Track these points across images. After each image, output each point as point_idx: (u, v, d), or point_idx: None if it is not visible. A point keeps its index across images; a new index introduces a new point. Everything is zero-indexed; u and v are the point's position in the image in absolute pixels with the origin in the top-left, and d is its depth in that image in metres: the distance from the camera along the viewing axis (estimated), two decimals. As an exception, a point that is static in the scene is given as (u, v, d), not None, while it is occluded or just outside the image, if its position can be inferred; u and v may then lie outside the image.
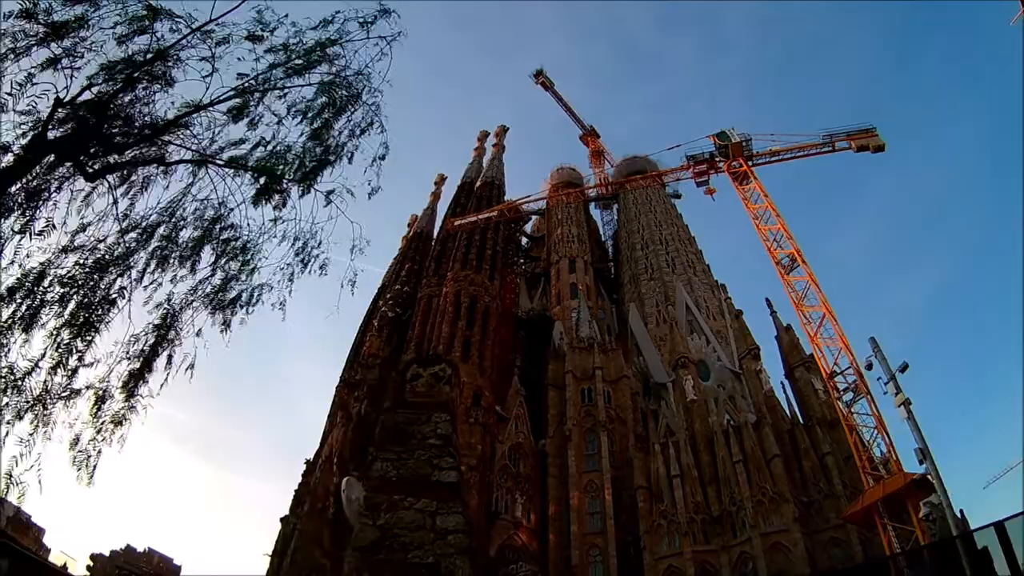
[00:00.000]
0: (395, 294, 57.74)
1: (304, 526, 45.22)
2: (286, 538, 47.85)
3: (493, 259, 54.32)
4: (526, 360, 53.97)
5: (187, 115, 9.23)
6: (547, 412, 47.88)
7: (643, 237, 63.65)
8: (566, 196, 63.41)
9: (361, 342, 60.93)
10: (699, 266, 60.35)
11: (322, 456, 50.47)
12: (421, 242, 68.56)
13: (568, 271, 61.97)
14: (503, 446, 44.78)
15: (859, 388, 32.68)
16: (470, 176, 65.61)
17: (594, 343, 50.38)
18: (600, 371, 48.00)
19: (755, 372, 46.85)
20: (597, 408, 46.05)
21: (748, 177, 45.28)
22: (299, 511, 48.17)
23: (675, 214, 67.36)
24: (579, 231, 66.23)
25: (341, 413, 49.67)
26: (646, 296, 57.50)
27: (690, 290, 55.89)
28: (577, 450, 44.23)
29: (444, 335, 47.92)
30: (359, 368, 52.93)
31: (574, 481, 42.74)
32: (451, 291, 50.68)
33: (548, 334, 55.94)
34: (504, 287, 55.13)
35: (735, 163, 46.34)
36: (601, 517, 41.06)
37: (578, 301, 57.49)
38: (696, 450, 41.69)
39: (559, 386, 48.62)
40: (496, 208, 54.15)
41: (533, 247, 71.69)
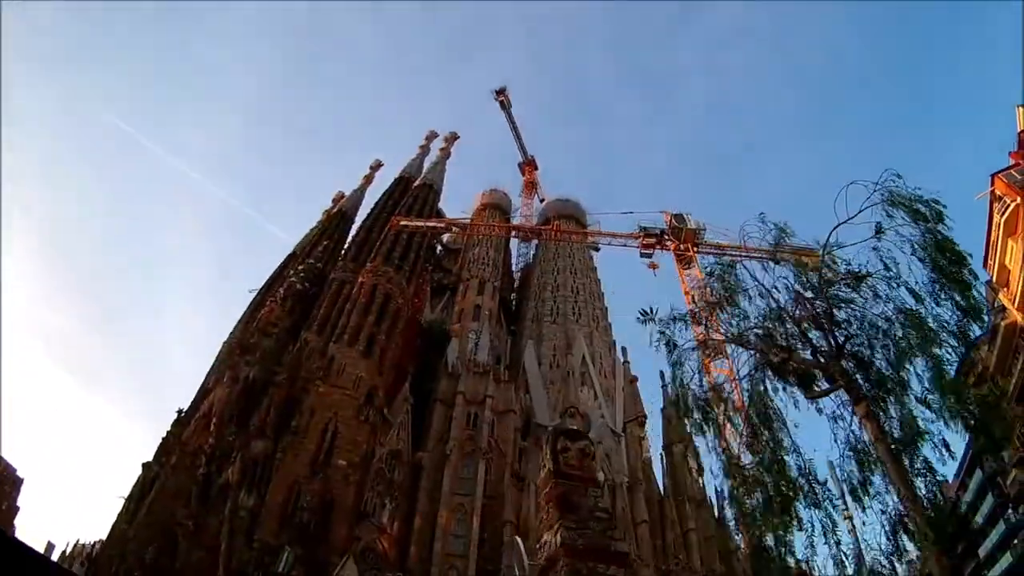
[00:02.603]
0: (307, 268, 56.66)
1: (169, 479, 43.88)
2: (144, 485, 46.23)
3: (415, 263, 54.53)
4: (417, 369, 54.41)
5: None
6: (430, 426, 48.48)
7: (555, 281, 65.75)
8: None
9: (260, 304, 59.35)
10: (602, 323, 63.06)
11: (200, 411, 48.89)
12: (343, 222, 67.68)
13: (476, 292, 62.93)
14: (382, 449, 44.87)
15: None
16: (410, 172, 65.38)
17: (490, 371, 51.57)
18: (491, 400, 49.15)
19: (638, 438, 49.63)
20: (481, 435, 47.09)
21: (691, 263, 48.34)
22: (165, 461, 46.40)
23: (590, 266, 70.06)
24: (496, 256, 67.49)
25: (229, 373, 48.28)
26: (545, 338, 59.38)
27: (589, 343, 58.30)
28: (454, 471, 45.08)
29: (352, 325, 47.63)
30: (256, 332, 51.68)
31: (446, 500, 43.50)
32: (368, 283, 50.40)
33: (442, 348, 56.65)
34: (416, 292, 55.43)
35: (682, 246, 49.31)
36: (466, 541, 41.95)
37: (480, 324, 58.59)
38: (567, 499, 43.61)
39: (447, 404, 49.36)
40: (446, 221, 54.54)
41: (446, 257, 72.21)
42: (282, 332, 51.97)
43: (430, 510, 43.81)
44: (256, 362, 49.04)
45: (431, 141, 70.61)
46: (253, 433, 42.04)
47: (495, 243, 68.23)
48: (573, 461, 11.26)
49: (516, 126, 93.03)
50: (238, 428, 44.42)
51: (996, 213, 32.27)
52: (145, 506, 43.09)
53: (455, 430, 46.86)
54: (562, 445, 11.42)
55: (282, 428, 42.14)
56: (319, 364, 45.05)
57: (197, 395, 55.41)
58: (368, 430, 43.27)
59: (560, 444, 11.44)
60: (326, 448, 40.88)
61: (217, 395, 48.76)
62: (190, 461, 44.59)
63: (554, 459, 11.24)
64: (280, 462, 39.61)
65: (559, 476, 11.04)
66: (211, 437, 44.05)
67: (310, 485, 38.75)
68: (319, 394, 43.13)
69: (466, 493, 44.30)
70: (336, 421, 42.04)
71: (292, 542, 36.14)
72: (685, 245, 49.78)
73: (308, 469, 39.83)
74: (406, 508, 44.15)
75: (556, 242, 67.49)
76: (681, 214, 51.23)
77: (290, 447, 40.41)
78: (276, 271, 65.41)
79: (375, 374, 46.09)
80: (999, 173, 32.21)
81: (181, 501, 41.52)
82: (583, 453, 11.43)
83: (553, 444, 11.41)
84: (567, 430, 11.75)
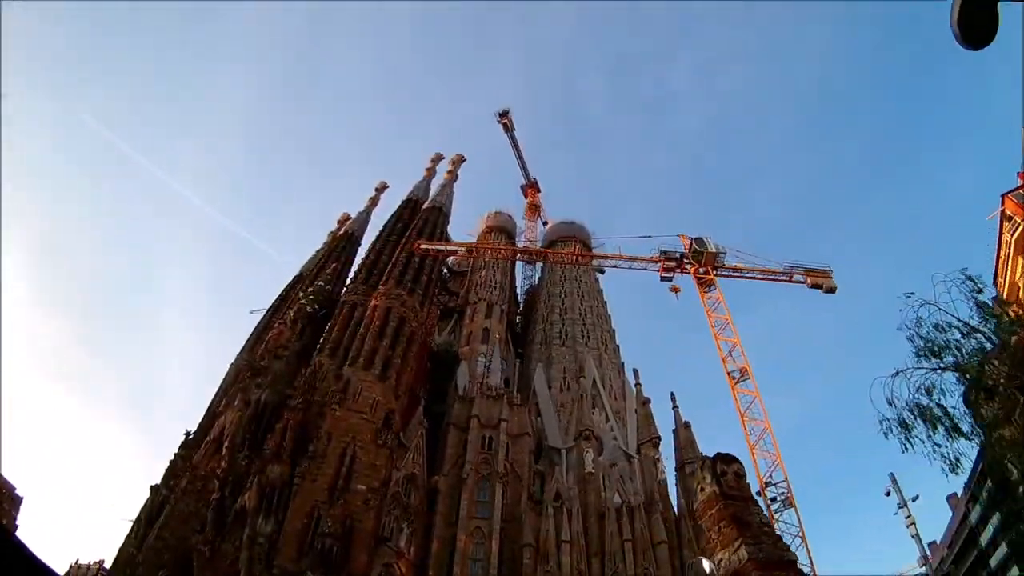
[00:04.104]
0: (317, 291, 56.47)
1: (179, 503, 43.31)
2: (153, 508, 45.36)
3: (427, 286, 54.47)
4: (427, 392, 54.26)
5: None
6: (444, 450, 48.31)
7: (563, 303, 66.02)
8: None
9: (268, 326, 59.03)
10: (610, 345, 63.29)
11: (210, 434, 48.29)
12: (350, 244, 67.62)
13: (484, 315, 62.98)
14: (399, 473, 44.60)
15: (789, 500, 36.06)
16: (417, 195, 65.53)
17: (503, 394, 51.48)
18: (505, 423, 49.03)
19: (653, 459, 49.61)
20: (497, 458, 46.91)
21: (713, 286, 48.82)
22: (174, 484, 45.78)
23: (597, 288, 70.42)
24: (503, 279, 67.69)
25: (241, 396, 47.87)
26: (555, 361, 59.49)
27: (599, 366, 58.46)
28: (471, 494, 44.90)
29: (367, 348, 47.41)
30: (267, 355, 51.31)
31: (463, 524, 43.26)
32: (382, 306, 50.28)
33: (451, 371, 56.58)
34: (428, 315, 55.33)
35: (702, 270, 49.82)
36: (484, 565, 41.69)
37: (490, 348, 58.58)
38: (586, 521, 43.55)
39: (461, 428, 49.21)
40: (466, 244, 54.72)
41: (451, 280, 72.23)
42: (292, 355, 51.66)
43: (447, 534, 43.58)
44: (267, 385, 48.67)
45: (437, 163, 70.79)
46: (269, 457, 41.48)
47: (501, 266, 68.48)
48: (732, 483, 11.43)
49: (519, 148, 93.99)
50: (251, 452, 44.00)
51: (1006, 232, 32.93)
52: (155, 530, 42.29)
53: (471, 454, 46.67)
54: (720, 469, 11.55)
55: (298, 452, 41.73)
56: (335, 387, 44.75)
57: (205, 417, 54.72)
58: (386, 454, 43.01)
59: (719, 468, 11.57)
60: (344, 473, 40.49)
61: (228, 418, 48.24)
62: (201, 485, 44.09)
63: (717, 482, 11.37)
64: (298, 487, 39.15)
65: (725, 497, 11.18)
66: (223, 461, 43.59)
67: (330, 510, 38.35)
68: (336, 418, 42.81)
69: (483, 517, 44.09)
70: (354, 445, 41.70)
71: (312, 569, 35.76)
72: (705, 268, 50.36)
73: (327, 494, 39.40)
74: (422, 532, 43.88)
75: (563, 265, 67.85)
76: (701, 238, 51.85)
77: (308, 472, 39.96)
78: (282, 293, 65.05)
79: (391, 398, 45.86)
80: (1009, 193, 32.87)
81: (193, 526, 41.02)
82: (737, 475, 11.64)
83: (713, 468, 11.58)
84: (723, 455, 11.94)
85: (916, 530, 25.98)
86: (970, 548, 39.73)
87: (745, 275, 51.01)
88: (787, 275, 49.87)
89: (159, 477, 49.42)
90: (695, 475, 11.77)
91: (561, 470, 48.85)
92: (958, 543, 40.75)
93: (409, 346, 49.69)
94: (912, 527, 27.68)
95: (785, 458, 43.96)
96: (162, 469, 50.21)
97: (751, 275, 50.74)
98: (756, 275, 50.55)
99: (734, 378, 44.18)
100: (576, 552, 41.33)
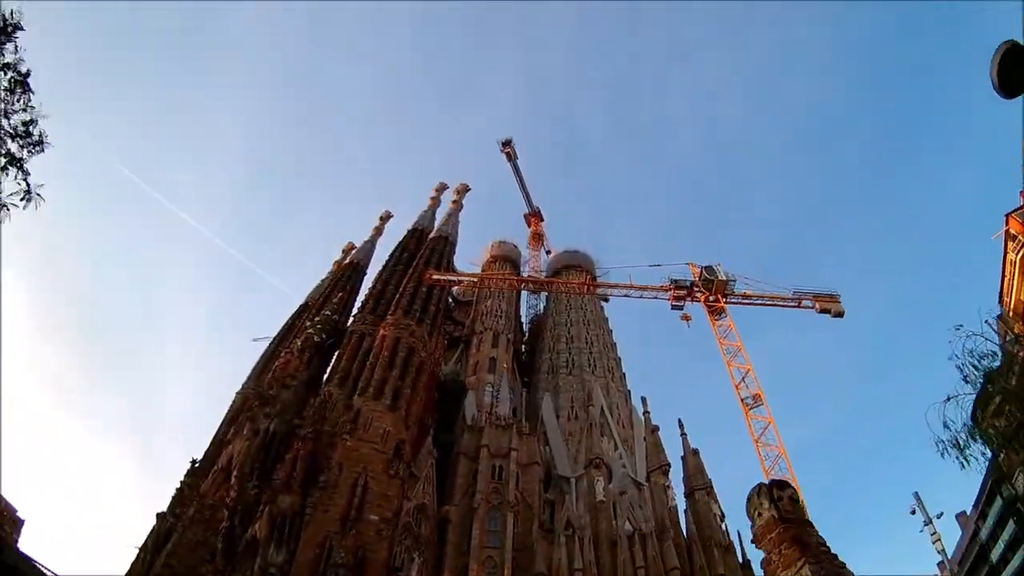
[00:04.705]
0: (324, 320, 56.71)
1: (187, 532, 43.07)
2: (159, 536, 45.10)
3: (435, 316, 54.76)
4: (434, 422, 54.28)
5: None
6: (454, 480, 48.21)
7: (569, 332, 66.30)
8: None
9: (274, 354, 59.16)
10: (617, 373, 63.47)
11: (218, 464, 48.13)
12: (355, 273, 67.97)
13: (491, 345, 63.16)
14: (409, 504, 44.50)
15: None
16: (423, 224, 66.11)
17: (512, 424, 51.50)
18: (515, 452, 48.99)
19: (663, 487, 49.55)
20: (507, 488, 46.78)
21: (723, 313, 49.23)
22: (180, 513, 45.57)
23: (602, 317, 70.78)
24: (508, 308, 68.00)
25: (249, 425, 47.82)
26: (562, 390, 59.60)
27: (606, 394, 58.58)
28: (482, 524, 44.74)
29: (376, 379, 47.47)
30: (275, 384, 51.36)
31: (475, 554, 43.03)
32: (390, 336, 50.44)
33: (458, 400, 56.64)
34: (436, 346, 55.53)
35: (712, 298, 50.26)
36: (497, 594, 41.58)
37: (497, 377, 58.69)
38: (598, 549, 43.41)
39: (471, 457, 49.15)
40: (477, 275, 55.10)
41: (456, 309, 72.47)
42: (300, 384, 51.80)
43: (459, 564, 43.34)
44: (276, 414, 48.69)
45: (441, 192, 71.49)
46: (279, 487, 41.26)
47: (507, 295, 68.83)
48: (788, 507, 11.80)
49: (522, 177, 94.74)
50: (260, 481, 43.84)
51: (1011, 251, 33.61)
52: (161, 557, 42.11)
53: (481, 483, 46.55)
54: (777, 494, 11.94)
55: (308, 482, 41.62)
56: (345, 417, 44.74)
57: (211, 445, 54.60)
58: (398, 485, 42.94)
59: (775, 493, 11.97)
60: (356, 503, 40.35)
61: (237, 447, 48.11)
62: (210, 514, 43.87)
63: (775, 507, 11.73)
64: (310, 517, 38.96)
65: (784, 521, 11.55)
66: (232, 490, 43.46)
67: (342, 541, 38.14)
68: (347, 448, 42.74)
69: (495, 546, 43.87)
70: (366, 475, 41.62)
71: (325, 599, 35.52)
72: (715, 296, 50.76)
73: (339, 524, 39.23)
74: (433, 563, 43.66)
75: (568, 294, 68.22)
76: (711, 266, 52.35)
77: (319, 502, 39.81)
78: (288, 321, 65.24)
79: (402, 428, 45.88)
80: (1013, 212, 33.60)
81: (201, 555, 40.84)
82: (792, 500, 12.04)
83: (770, 494, 11.97)
84: (777, 481, 12.40)
85: (943, 546, 26.57)
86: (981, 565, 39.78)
87: (755, 302, 51.53)
88: (796, 301, 50.38)
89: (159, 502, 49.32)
90: (752, 501, 12.17)
91: (571, 499, 48.76)
92: (968, 560, 40.79)
93: (418, 376, 49.80)
94: (938, 543, 28.23)
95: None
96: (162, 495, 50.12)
97: (760, 302, 51.28)
98: (766, 302, 51.09)
99: (747, 404, 44.52)
100: (589, 580, 41.17)
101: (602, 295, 71.71)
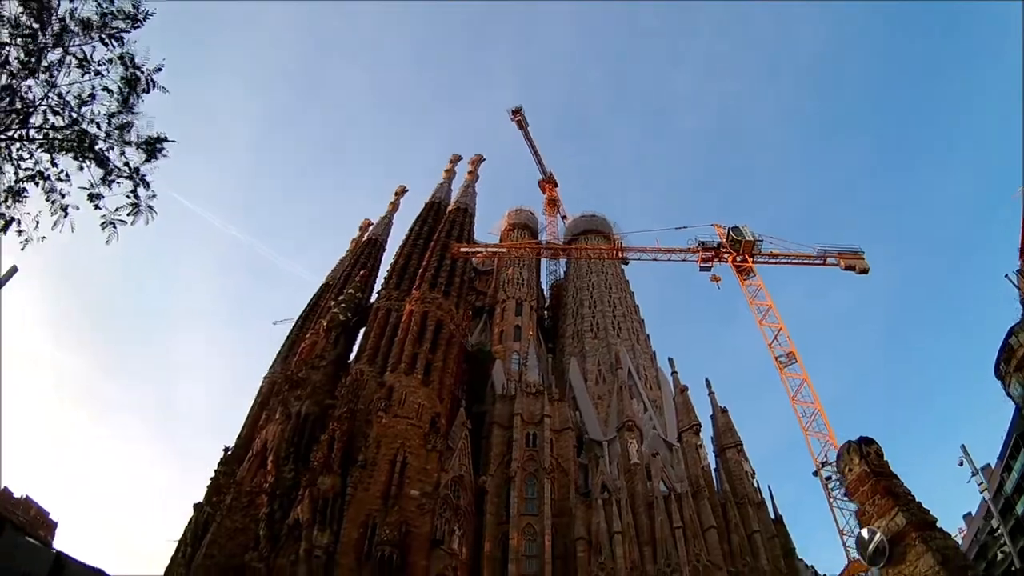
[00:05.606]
0: (348, 298, 56.81)
1: (226, 520, 43.46)
2: (198, 527, 45.34)
3: (460, 288, 54.73)
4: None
5: None
6: (489, 450, 48.61)
7: (592, 296, 66.26)
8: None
9: (299, 336, 59.43)
10: (641, 335, 63.48)
11: (252, 450, 48.57)
12: (375, 249, 67.97)
13: (515, 313, 63.32)
14: (447, 476, 44.96)
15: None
16: (440, 197, 65.81)
17: (543, 390, 51.77)
18: (548, 419, 49.34)
19: (695, 447, 49.82)
20: (543, 454, 47.23)
21: (752, 273, 49.00)
22: (217, 501, 45.81)
23: (624, 280, 70.62)
24: (529, 276, 68.00)
25: (281, 409, 48.17)
26: (589, 354, 59.72)
27: (632, 356, 58.67)
28: (520, 492, 45.26)
29: (407, 354, 47.61)
30: (303, 366, 51.63)
31: (515, 522, 43.61)
32: (418, 310, 50.50)
33: (485, 370, 56.88)
34: (463, 317, 55.61)
35: (740, 258, 49.99)
36: (538, 561, 42.03)
37: (524, 344, 58.92)
38: (635, 511, 43.87)
39: (504, 426, 49.53)
40: (504, 245, 54.97)
41: (477, 279, 72.47)
42: (328, 364, 52.05)
43: (498, 532, 43.98)
44: (307, 396, 48.99)
45: (455, 164, 71.01)
46: (318, 469, 41.52)
47: (527, 262, 68.74)
48: (876, 461, 12.65)
49: (534, 144, 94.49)
50: (297, 465, 44.19)
51: (1031, 208, 33.51)
52: (202, 548, 42.19)
53: (517, 451, 46.99)
54: (865, 450, 12.64)
55: (345, 462, 42.00)
56: (379, 395, 45.05)
57: (243, 431, 54.97)
58: (436, 458, 43.33)
59: (864, 450, 12.67)
60: (396, 479, 40.75)
61: (269, 432, 48.39)
62: (248, 500, 44.04)
63: (865, 462, 12.45)
64: (351, 496, 39.35)
65: (875, 474, 12.49)
66: (270, 475, 43.77)
67: (386, 518, 38.56)
68: (383, 425, 43.04)
69: (533, 513, 44.46)
70: (404, 451, 42.01)
71: (373, 577, 35.83)
72: (743, 256, 50.48)
73: (380, 502, 39.66)
74: (472, 533, 44.23)
75: (587, 259, 67.96)
76: (739, 226, 52.06)
77: (360, 481, 40.18)
78: (310, 302, 65.45)
79: (436, 401, 46.18)
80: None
81: (242, 542, 41.00)
82: (878, 454, 12.91)
83: (860, 450, 12.65)
84: (864, 438, 13.15)
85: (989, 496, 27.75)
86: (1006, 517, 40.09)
87: (781, 261, 51.26)
88: (821, 259, 50.13)
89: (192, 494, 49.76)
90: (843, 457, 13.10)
91: (604, 462, 49.19)
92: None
93: (448, 349, 49.94)
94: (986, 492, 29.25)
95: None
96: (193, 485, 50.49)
97: (785, 261, 51.01)
98: (791, 261, 50.82)
99: (782, 363, 44.59)
100: (628, 542, 41.64)
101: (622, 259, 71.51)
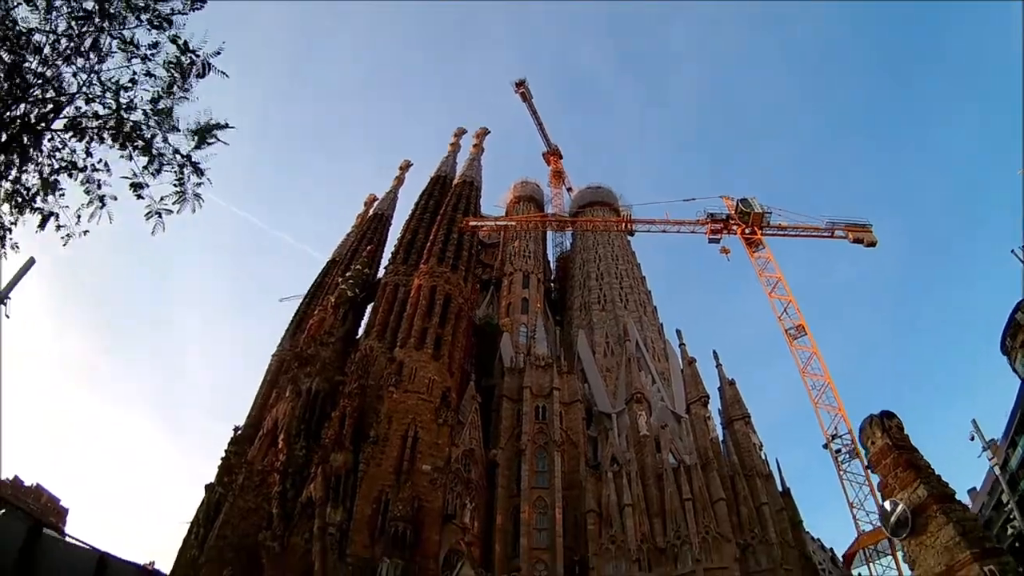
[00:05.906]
0: (356, 274, 56.77)
1: (238, 500, 43.68)
2: (209, 507, 45.71)
3: (468, 262, 54.64)
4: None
5: None
6: (499, 424, 48.77)
7: (599, 268, 66.14)
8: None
9: (306, 313, 59.46)
10: (648, 307, 63.44)
11: (263, 429, 48.80)
12: (381, 224, 67.80)
13: (521, 285, 63.27)
14: (457, 450, 45.18)
15: (855, 451, 36.83)
16: (445, 171, 65.47)
17: (552, 363, 51.83)
18: (557, 392, 49.45)
19: (704, 419, 49.95)
20: (552, 427, 47.38)
21: (760, 245, 48.85)
22: (228, 481, 46.02)
23: (630, 251, 70.42)
24: (536, 248, 67.82)
25: (291, 387, 48.32)
26: (596, 326, 59.74)
27: (640, 328, 58.66)
28: (531, 465, 45.52)
29: (416, 328, 47.66)
30: (311, 343, 51.71)
31: (526, 495, 43.89)
32: (426, 285, 50.47)
33: (493, 343, 56.91)
34: (471, 291, 55.58)
35: (748, 230, 49.78)
36: (549, 534, 42.38)
37: (531, 317, 58.95)
38: (645, 483, 44.18)
39: (514, 399, 49.65)
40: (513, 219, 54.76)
41: (483, 252, 72.29)
42: (337, 341, 52.08)
43: (509, 506, 44.30)
44: (317, 373, 48.96)
45: (459, 137, 70.56)
46: (330, 446, 41.58)
47: (533, 235, 68.51)
48: (897, 434, 12.83)
49: (538, 116, 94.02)
50: (308, 442, 44.28)
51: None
52: (215, 529, 42.66)
53: (526, 424, 47.15)
54: (887, 424, 12.80)
55: (356, 438, 42.15)
56: (389, 370, 45.16)
57: (252, 410, 54.85)
58: (447, 432, 43.59)
59: (886, 423, 12.82)
60: (408, 455, 40.92)
61: (280, 410, 48.52)
62: (259, 480, 44.06)
63: (888, 435, 12.62)
64: (364, 473, 39.53)
65: (897, 448, 12.72)
66: (281, 454, 43.87)
67: (398, 494, 38.71)
68: (394, 401, 43.19)
69: (543, 486, 44.70)
70: (416, 426, 42.23)
71: (387, 553, 36.04)
72: (752, 228, 50.32)
73: (392, 477, 39.83)
74: (483, 507, 44.55)
75: (593, 231, 67.77)
76: (747, 199, 51.85)
77: (372, 457, 40.35)
78: (317, 279, 65.38)
79: (446, 376, 46.36)
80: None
81: (255, 521, 41.11)
82: (899, 428, 13.13)
83: (882, 423, 12.83)
84: (885, 412, 13.32)
85: (999, 471, 28.19)
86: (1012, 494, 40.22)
87: (789, 233, 51.11)
88: (829, 231, 49.96)
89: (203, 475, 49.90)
90: (864, 431, 13.30)
91: (614, 434, 49.44)
92: (998, 489, 41.40)
93: (457, 323, 50.01)
94: (997, 467, 29.48)
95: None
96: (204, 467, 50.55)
97: (794, 233, 50.88)
98: (799, 233, 50.66)
99: (791, 335, 44.62)
100: (638, 515, 42.01)
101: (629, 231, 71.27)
